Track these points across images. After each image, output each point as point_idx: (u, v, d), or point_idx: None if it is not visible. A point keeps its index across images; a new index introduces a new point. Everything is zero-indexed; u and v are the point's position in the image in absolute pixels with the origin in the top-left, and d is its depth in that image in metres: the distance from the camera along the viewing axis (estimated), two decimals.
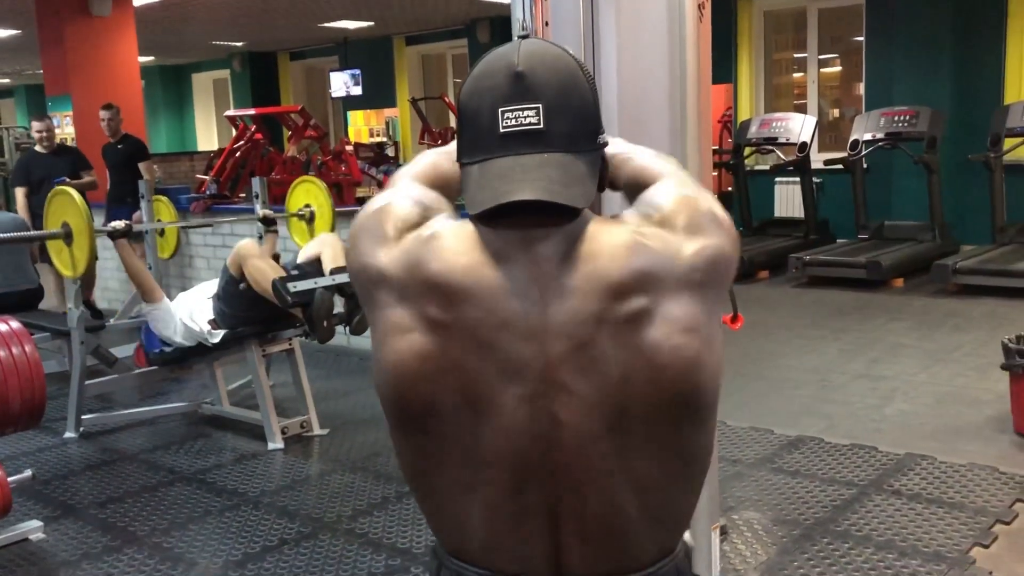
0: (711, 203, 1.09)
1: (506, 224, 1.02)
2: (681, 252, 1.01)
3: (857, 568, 2.99)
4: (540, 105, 1.02)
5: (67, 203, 4.49)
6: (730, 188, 10.31)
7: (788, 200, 9.74)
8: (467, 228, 1.04)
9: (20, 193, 7.07)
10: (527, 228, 1.01)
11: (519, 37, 1.07)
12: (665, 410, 0.99)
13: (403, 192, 1.11)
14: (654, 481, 1.02)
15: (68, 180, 6.86)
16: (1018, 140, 7.83)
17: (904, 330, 6.15)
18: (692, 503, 1.07)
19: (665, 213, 1.05)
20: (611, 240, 1.01)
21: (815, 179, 9.16)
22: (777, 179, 9.77)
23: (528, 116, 1.01)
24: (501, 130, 1.02)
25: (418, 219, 1.06)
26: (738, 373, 5.19)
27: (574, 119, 1.04)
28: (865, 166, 8.72)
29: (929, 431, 4.25)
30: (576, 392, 0.98)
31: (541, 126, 1.02)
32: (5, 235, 4.95)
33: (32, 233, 4.99)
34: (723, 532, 3.22)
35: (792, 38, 10.75)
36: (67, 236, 4.46)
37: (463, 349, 0.98)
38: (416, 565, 3.17)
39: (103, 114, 7.38)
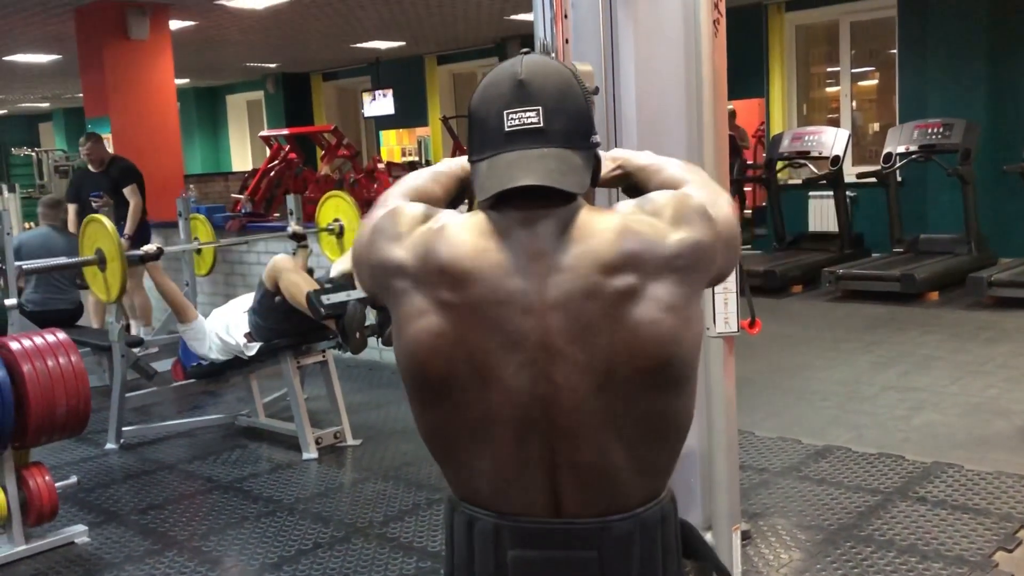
0: (709, 202, 1.24)
1: (511, 207, 1.19)
2: (667, 239, 1.16)
3: (879, 571, 3.08)
4: (540, 107, 1.19)
5: (99, 230, 4.68)
6: (764, 203, 10.41)
7: (822, 214, 9.80)
8: (475, 217, 1.20)
9: (71, 210, 7.25)
10: (528, 210, 1.18)
11: (521, 53, 1.23)
12: (646, 375, 1.14)
13: (407, 198, 1.30)
14: (639, 436, 1.16)
15: (104, 195, 7.09)
16: None
17: (937, 342, 6.20)
18: (674, 457, 1.22)
19: (658, 206, 1.21)
20: (603, 224, 1.17)
21: (849, 193, 9.22)
22: (811, 193, 9.85)
23: (530, 117, 1.19)
24: (506, 129, 1.20)
25: (424, 216, 1.23)
26: (767, 385, 5.28)
27: (569, 120, 1.21)
28: (899, 179, 8.78)
29: (958, 441, 4.32)
30: (569, 358, 1.13)
31: (541, 125, 1.19)
32: (41, 263, 5.10)
33: (68, 260, 5.17)
34: (745, 536, 3.33)
35: (826, 51, 10.84)
36: (101, 262, 4.66)
37: (471, 326, 1.14)
38: None
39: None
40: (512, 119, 1.19)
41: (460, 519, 1.22)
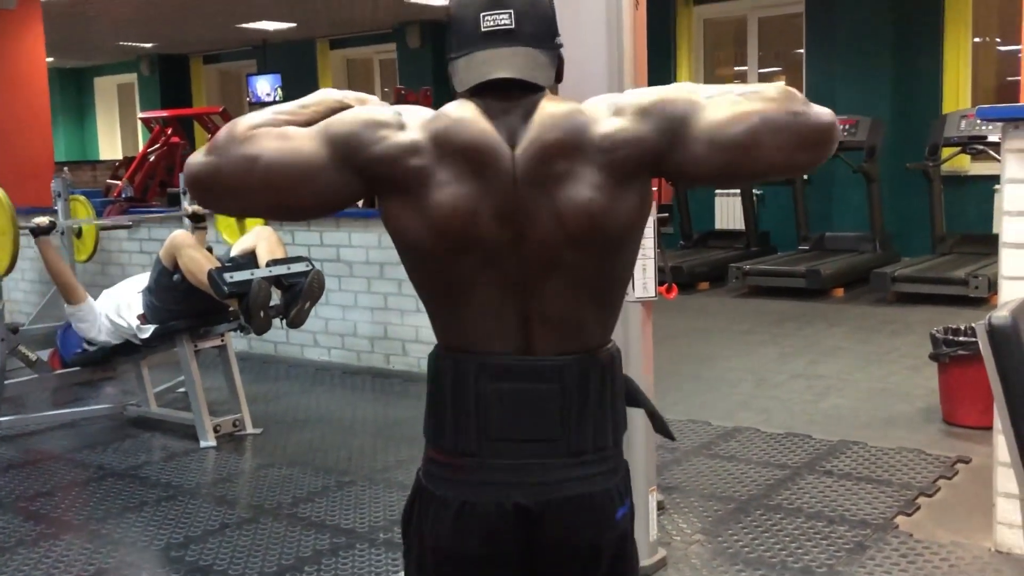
0: (711, 114, 1.40)
1: (489, 97, 1.46)
2: (599, 126, 1.43)
3: (788, 534, 3.40)
4: (512, 11, 1.47)
5: None
6: (671, 200, 10.85)
7: (728, 212, 10.32)
8: (466, 104, 1.46)
9: None
10: (503, 100, 1.45)
11: None
12: (584, 245, 1.43)
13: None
14: (588, 294, 1.47)
15: None
16: (955, 149, 8.50)
17: (842, 335, 6.68)
18: (617, 309, 1.54)
19: (624, 96, 1.47)
20: (552, 113, 1.45)
21: (755, 191, 9.75)
22: (717, 191, 10.34)
23: (503, 19, 1.46)
24: (483, 30, 1.47)
25: (399, 110, 1.47)
26: (676, 373, 5.62)
27: (538, 23, 1.49)
28: (805, 177, 9.33)
29: (862, 422, 4.72)
30: (529, 233, 1.43)
31: (513, 26, 1.46)
32: None
33: None
34: (660, 507, 3.61)
35: (734, 53, 11.39)
36: None
37: (481, 197, 1.41)
38: (361, 543, 3.48)
39: None
40: (487, 21, 1.46)
41: (447, 363, 1.50)
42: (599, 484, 1.50)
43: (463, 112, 1.45)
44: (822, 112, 1.44)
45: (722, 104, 1.43)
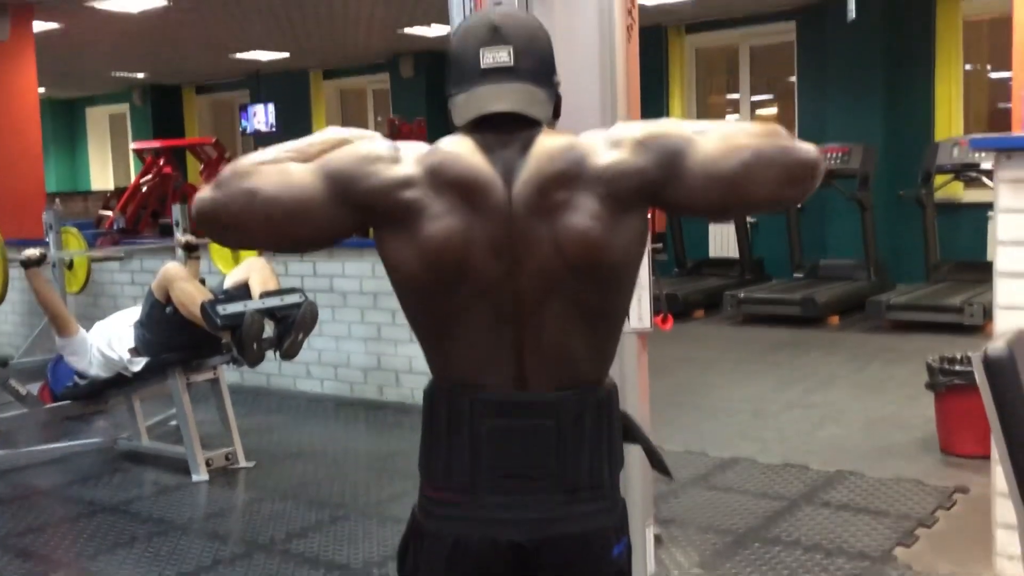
0: (701, 148, 1.43)
1: (487, 130, 1.48)
2: (597, 158, 1.45)
3: (786, 567, 3.39)
4: (511, 47, 1.49)
5: None
6: (663, 229, 10.89)
7: (723, 240, 10.34)
8: (463, 139, 1.49)
9: None
10: (501, 134, 1.48)
11: (494, 3, 1.51)
12: (583, 275, 1.44)
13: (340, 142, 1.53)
14: (586, 326, 1.48)
15: None
16: (948, 177, 8.54)
17: (838, 363, 6.68)
18: (614, 343, 1.54)
19: (619, 129, 1.51)
20: (551, 146, 1.47)
21: (749, 218, 9.78)
22: None
23: (502, 55, 1.49)
24: (482, 66, 1.50)
25: (395, 144, 1.50)
26: (672, 403, 5.61)
27: (536, 61, 1.52)
28: (799, 204, 9.36)
29: (859, 452, 4.71)
30: (527, 264, 1.44)
31: (512, 63, 1.49)
32: None
33: None
34: (657, 541, 3.59)
35: (726, 81, 11.47)
36: None
37: (475, 228, 1.43)
38: None
39: None
40: (487, 58, 1.50)
41: (441, 397, 1.51)
42: (595, 522, 1.50)
43: (459, 147, 1.47)
44: (808, 148, 1.49)
45: (714, 139, 1.47)
